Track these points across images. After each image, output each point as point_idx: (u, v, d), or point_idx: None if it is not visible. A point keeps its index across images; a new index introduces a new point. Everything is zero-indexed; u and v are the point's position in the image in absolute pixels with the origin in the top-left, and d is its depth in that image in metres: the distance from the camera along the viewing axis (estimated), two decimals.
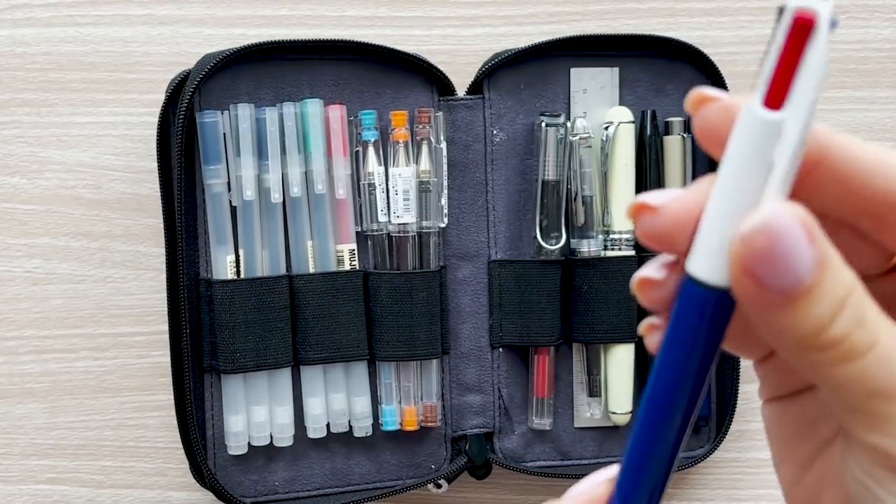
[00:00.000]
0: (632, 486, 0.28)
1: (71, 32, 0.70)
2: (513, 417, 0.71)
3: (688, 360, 0.27)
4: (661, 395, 0.27)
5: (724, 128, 0.26)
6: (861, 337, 0.25)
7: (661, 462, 0.28)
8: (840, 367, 0.25)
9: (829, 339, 0.25)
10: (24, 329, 0.70)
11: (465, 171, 0.70)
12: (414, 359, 0.68)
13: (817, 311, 0.25)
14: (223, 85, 0.65)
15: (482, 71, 0.69)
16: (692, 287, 0.26)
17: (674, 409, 0.27)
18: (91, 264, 0.70)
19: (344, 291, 0.66)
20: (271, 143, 0.65)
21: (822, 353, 0.25)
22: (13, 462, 0.70)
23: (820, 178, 0.27)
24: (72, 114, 0.70)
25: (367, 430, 0.68)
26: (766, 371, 0.32)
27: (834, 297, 0.25)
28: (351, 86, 0.67)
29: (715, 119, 0.27)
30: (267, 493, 0.68)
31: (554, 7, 0.73)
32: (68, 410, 0.71)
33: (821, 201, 0.28)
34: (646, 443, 0.28)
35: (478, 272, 0.70)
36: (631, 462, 0.28)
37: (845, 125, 0.75)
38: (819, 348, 0.25)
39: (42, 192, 0.70)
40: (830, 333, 0.25)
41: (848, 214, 0.28)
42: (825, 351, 0.25)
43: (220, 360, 0.65)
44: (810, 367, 0.26)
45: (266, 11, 0.71)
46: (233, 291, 0.65)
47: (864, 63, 0.74)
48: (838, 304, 0.25)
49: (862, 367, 0.25)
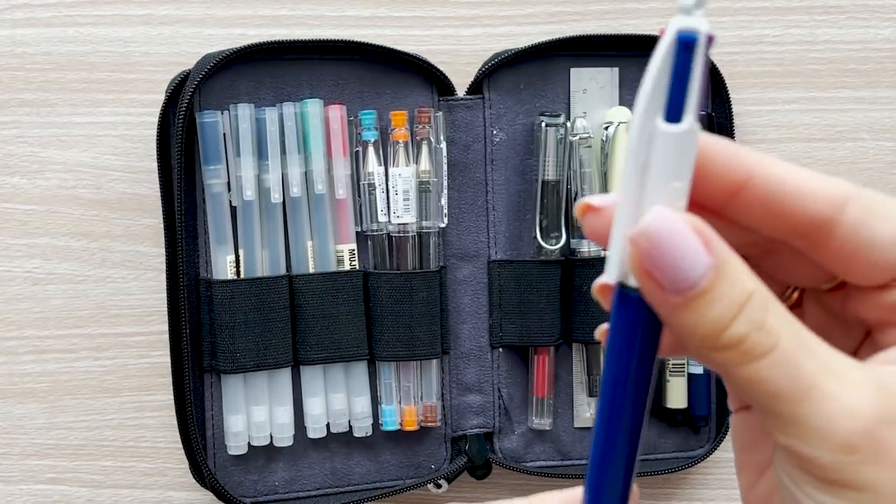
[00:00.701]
0: (598, 481, 0.29)
1: (71, 32, 0.70)
2: (513, 417, 0.71)
3: (626, 358, 0.28)
4: (610, 392, 0.28)
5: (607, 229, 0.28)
6: (760, 340, 0.26)
7: (622, 456, 0.29)
8: (742, 369, 0.26)
9: (728, 340, 0.26)
10: (24, 329, 0.70)
11: (465, 171, 0.70)
12: (414, 359, 0.68)
13: (715, 312, 0.26)
14: (223, 85, 0.65)
15: (482, 71, 0.69)
16: (620, 290, 0.28)
17: (623, 406, 0.28)
18: (91, 264, 0.70)
19: (344, 291, 0.66)
20: (271, 143, 0.65)
21: (723, 353, 0.26)
22: (13, 462, 0.70)
23: (746, 201, 0.28)
24: (72, 114, 0.70)
25: (367, 430, 0.68)
26: None
27: (732, 300, 0.26)
28: (351, 86, 0.67)
29: (599, 225, 0.29)
30: (267, 493, 0.68)
31: (554, 7, 0.73)
32: (68, 410, 0.71)
33: (752, 222, 0.29)
34: (604, 439, 0.29)
35: (478, 272, 0.70)
36: (595, 460, 0.29)
37: (846, 125, 0.75)
38: (720, 349, 0.26)
39: (42, 193, 0.70)
40: (729, 334, 0.26)
41: (780, 234, 0.29)
42: (726, 351, 0.26)
43: (220, 360, 0.65)
44: (717, 367, 0.27)
45: (266, 11, 0.71)
46: (233, 291, 0.65)
47: (865, 63, 0.74)
48: (737, 307, 0.26)
49: (761, 368, 0.26)
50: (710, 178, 0.28)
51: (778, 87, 0.74)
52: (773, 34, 0.74)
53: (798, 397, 0.26)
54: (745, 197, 0.28)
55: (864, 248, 0.28)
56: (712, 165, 0.28)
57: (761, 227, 0.29)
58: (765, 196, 0.28)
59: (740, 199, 0.28)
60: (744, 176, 0.28)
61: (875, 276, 0.29)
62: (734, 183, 0.28)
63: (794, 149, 0.75)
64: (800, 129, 0.75)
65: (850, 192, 0.28)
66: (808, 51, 0.74)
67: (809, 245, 0.29)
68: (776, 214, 0.28)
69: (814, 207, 0.28)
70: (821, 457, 0.27)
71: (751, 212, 0.28)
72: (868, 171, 0.75)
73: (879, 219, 0.28)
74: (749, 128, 0.74)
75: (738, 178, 0.28)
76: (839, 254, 0.29)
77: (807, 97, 0.75)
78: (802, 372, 0.26)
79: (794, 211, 0.28)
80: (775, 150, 0.74)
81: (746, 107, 0.74)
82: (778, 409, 0.27)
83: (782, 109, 0.75)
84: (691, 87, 0.26)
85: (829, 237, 0.28)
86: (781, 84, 0.74)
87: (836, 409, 0.26)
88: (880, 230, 0.28)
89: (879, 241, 0.28)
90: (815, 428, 0.26)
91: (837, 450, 0.26)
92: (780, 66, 0.74)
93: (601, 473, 0.29)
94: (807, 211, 0.28)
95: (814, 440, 0.26)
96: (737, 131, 0.72)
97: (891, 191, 0.75)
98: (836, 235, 0.28)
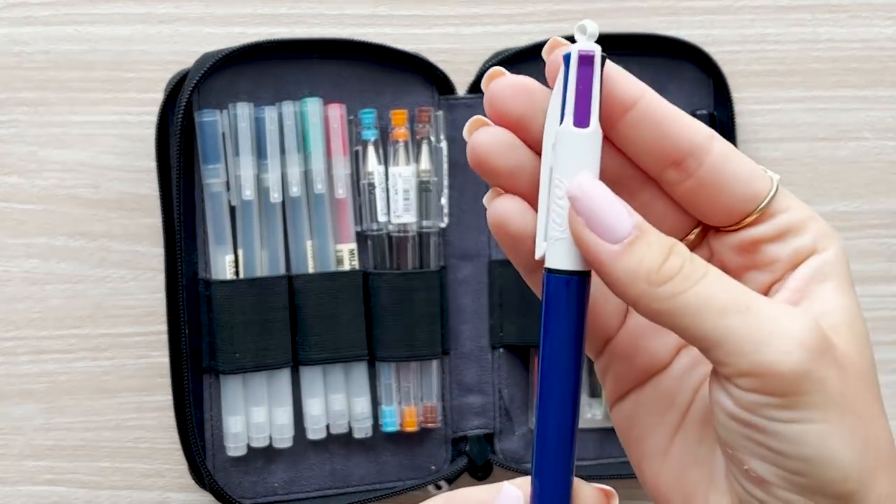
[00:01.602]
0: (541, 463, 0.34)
1: (69, 31, 0.69)
2: (513, 418, 0.71)
3: (550, 336, 0.33)
4: (543, 371, 0.33)
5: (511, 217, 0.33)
6: (695, 266, 0.31)
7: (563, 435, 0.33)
8: (687, 294, 0.30)
9: (668, 272, 0.30)
10: (22, 329, 0.70)
11: (465, 170, 0.69)
12: (414, 359, 0.68)
13: (652, 251, 0.30)
14: (222, 84, 0.65)
15: (483, 70, 0.69)
16: (547, 273, 0.33)
17: (554, 386, 0.33)
18: (89, 264, 0.70)
19: (344, 291, 0.66)
20: (270, 142, 0.65)
21: (665, 285, 0.30)
22: (11, 463, 0.70)
23: (637, 118, 0.32)
24: (70, 113, 0.70)
25: (366, 432, 0.68)
26: (606, 362, 0.36)
27: (661, 243, 0.31)
28: (351, 85, 0.67)
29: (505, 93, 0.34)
30: (266, 494, 0.68)
31: (555, 5, 0.73)
32: (66, 411, 0.70)
33: (637, 144, 0.33)
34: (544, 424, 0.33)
35: (478, 272, 0.70)
36: (539, 443, 0.33)
37: (848, 124, 0.74)
38: (662, 281, 0.30)
39: (40, 192, 0.70)
40: (668, 266, 0.30)
41: (656, 162, 0.33)
42: (668, 283, 0.30)
43: (219, 360, 0.65)
44: (661, 304, 0.30)
45: (265, 10, 0.71)
46: (232, 291, 0.64)
47: (867, 62, 0.74)
48: (667, 247, 0.31)
49: (705, 287, 0.30)
50: (608, 94, 0.32)
51: (780, 86, 0.74)
52: (775, 33, 0.74)
53: (746, 306, 0.30)
54: (636, 115, 0.32)
55: (728, 182, 0.32)
56: (612, 83, 0.32)
57: (644, 149, 0.33)
58: (652, 116, 0.32)
59: (632, 116, 0.32)
60: (636, 94, 0.32)
61: (731, 213, 0.33)
62: (629, 99, 0.32)
63: (796, 148, 0.74)
64: (802, 128, 0.74)
65: (714, 133, 0.33)
66: (811, 49, 0.74)
67: (680, 174, 0.33)
68: (661, 135, 0.32)
69: (690, 133, 0.32)
70: (781, 359, 0.29)
71: (639, 130, 0.32)
72: (871, 170, 0.75)
73: (737, 157, 0.33)
74: (751, 127, 0.74)
75: (632, 95, 0.32)
76: (705, 183, 0.33)
77: (809, 96, 0.74)
78: (739, 287, 0.31)
79: (675, 133, 0.32)
80: (777, 148, 0.74)
81: (748, 106, 0.74)
82: (732, 326, 0.30)
83: (784, 108, 0.74)
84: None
85: (699, 165, 0.32)
86: (783, 83, 0.74)
87: (781, 311, 0.30)
88: (737, 167, 0.33)
89: (736, 177, 0.33)
90: (771, 332, 0.30)
91: (796, 347, 0.30)
92: (783, 65, 0.74)
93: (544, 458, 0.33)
94: (685, 134, 0.32)
95: (775, 342, 0.30)
96: (738, 130, 0.71)
97: (894, 190, 0.75)
98: (705, 163, 0.32)
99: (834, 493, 0.31)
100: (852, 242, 0.75)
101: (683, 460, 0.35)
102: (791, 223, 0.33)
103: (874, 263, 0.75)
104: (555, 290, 0.32)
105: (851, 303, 0.33)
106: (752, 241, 0.33)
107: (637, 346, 0.35)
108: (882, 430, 0.32)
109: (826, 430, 0.30)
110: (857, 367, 0.32)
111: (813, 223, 0.33)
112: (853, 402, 0.31)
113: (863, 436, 0.31)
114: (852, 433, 0.30)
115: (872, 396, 0.32)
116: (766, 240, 0.33)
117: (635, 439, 0.36)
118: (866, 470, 0.31)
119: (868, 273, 0.75)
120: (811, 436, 0.30)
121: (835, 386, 0.30)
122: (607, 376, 0.37)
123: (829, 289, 0.32)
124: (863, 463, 0.31)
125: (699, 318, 0.30)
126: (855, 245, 0.75)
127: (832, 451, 0.30)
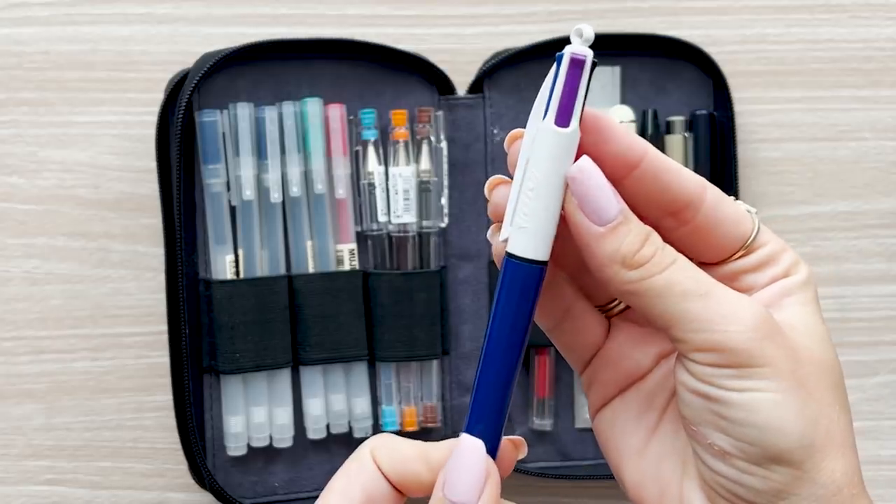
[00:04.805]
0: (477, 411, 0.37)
1: (69, 31, 0.69)
2: (513, 418, 0.71)
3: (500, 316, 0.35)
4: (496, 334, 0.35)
5: None
6: (666, 254, 0.35)
7: (498, 391, 0.36)
8: (656, 278, 0.34)
9: (642, 258, 0.34)
10: (22, 329, 0.70)
11: (465, 170, 0.69)
12: (414, 359, 0.68)
13: (630, 238, 0.34)
14: (222, 84, 0.65)
15: (483, 70, 0.69)
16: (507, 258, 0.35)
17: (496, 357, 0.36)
18: (89, 264, 0.70)
19: (344, 291, 0.66)
20: (271, 142, 0.65)
21: (638, 269, 0.34)
22: (11, 463, 0.70)
23: (642, 175, 0.35)
24: (70, 113, 0.70)
25: (367, 431, 0.68)
26: (592, 374, 0.40)
27: (639, 231, 0.34)
28: (351, 85, 0.67)
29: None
30: (266, 494, 0.68)
31: (555, 6, 0.73)
32: (66, 411, 0.70)
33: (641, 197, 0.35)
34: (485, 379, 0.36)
35: (478, 272, 0.70)
36: (477, 395, 0.36)
37: (848, 124, 0.74)
38: (635, 265, 0.34)
39: (40, 192, 0.70)
40: (642, 253, 0.34)
41: (655, 212, 0.36)
42: (641, 267, 0.34)
43: (220, 360, 0.65)
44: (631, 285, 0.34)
45: (265, 10, 0.71)
46: (232, 292, 0.64)
47: (867, 62, 0.74)
48: (644, 235, 0.34)
49: (671, 273, 0.34)
50: (618, 153, 0.35)
51: (780, 86, 0.74)
52: (775, 33, 0.74)
53: (706, 292, 0.34)
54: (641, 172, 0.35)
55: (720, 226, 0.36)
56: (620, 141, 0.35)
57: (645, 201, 0.36)
58: (655, 171, 0.35)
59: (638, 172, 0.35)
60: (641, 152, 0.35)
61: (721, 251, 0.37)
62: (636, 157, 0.35)
63: (796, 148, 0.74)
64: (802, 128, 0.74)
65: (705, 181, 0.36)
66: (811, 50, 0.74)
67: (677, 222, 0.36)
68: (663, 188, 0.35)
69: (688, 185, 0.36)
70: (734, 336, 0.33)
71: (643, 185, 0.35)
72: (871, 170, 0.75)
73: (725, 203, 0.36)
74: (751, 127, 0.74)
75: (637, 153, 0.35)
76: (699, 229, 0.36)
77: (809, 96, 0.74)
78: (702, 276, 0.35)
79: (674, 187, 0.35)
80: (777, 149, 0.74)
81: (748, 106, 0.74)
82: (691, 308, 0.34)
83: (784, 109, 0.74)
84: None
85: (695, 213, 0.36)
86: (783, 83, 0.74)
87: (736, 297, 0.34)
88: (726, 211, 0.36)
89: (726, 220, 0.36)
90: (725, 314, 0.34)
91: (749, 328, 0.34)
92: (783, 65, 0.74)
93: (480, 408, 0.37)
94: (683, 187, 0.35)
95: (728, 322, 0.34)
96: (738, 131, 0.71)
97: (894, 190, 0.75)
98: (700, 211, 0.36)
99: (785, 461, 0.34)
100: (852, 242, 0.75)
101: (660, 455, 0.38)
102: (769, 255, 0.37)
103: (874, 263, 0.75)
104: (511, 275, 0.35)
105: (811, 310, 0.37)
106: (735, 273, 0.37)
107: (622, 355, 0.39)
108: (840, 418, 0.35)
109: (775, 398, 0.34)
110: (815, 357, 0.35)
111: (786, 254, 0.37)
112: (806, 382, 0.34)
113: (814, 413, 0.34)
114: (802, 407, 0.34)
115: (831, 386, 0.35)
116: (747, 270, 0.37)
117: (616, 442, 0.39)
118: (817, 443, 0.34)
119: (868, 273, 0.75)
120: (762, 403, 0.34)
121: (785, 364, 0.34)
122: (592, 387, 0.40)
123: (792, 301, 0.36)
124: (813, 436, 0.34)
125: (662, 299, 0.34)
126: (855, 245, 0.75)
127: (781, 420, 0.33)
